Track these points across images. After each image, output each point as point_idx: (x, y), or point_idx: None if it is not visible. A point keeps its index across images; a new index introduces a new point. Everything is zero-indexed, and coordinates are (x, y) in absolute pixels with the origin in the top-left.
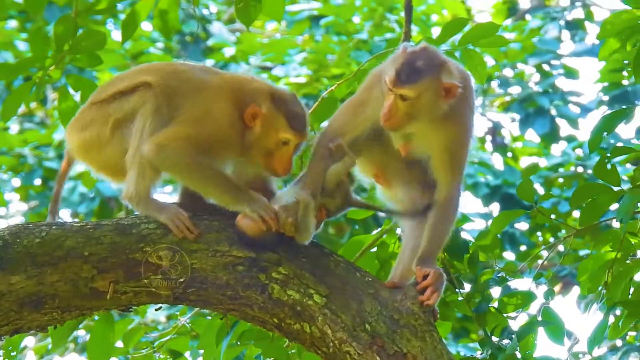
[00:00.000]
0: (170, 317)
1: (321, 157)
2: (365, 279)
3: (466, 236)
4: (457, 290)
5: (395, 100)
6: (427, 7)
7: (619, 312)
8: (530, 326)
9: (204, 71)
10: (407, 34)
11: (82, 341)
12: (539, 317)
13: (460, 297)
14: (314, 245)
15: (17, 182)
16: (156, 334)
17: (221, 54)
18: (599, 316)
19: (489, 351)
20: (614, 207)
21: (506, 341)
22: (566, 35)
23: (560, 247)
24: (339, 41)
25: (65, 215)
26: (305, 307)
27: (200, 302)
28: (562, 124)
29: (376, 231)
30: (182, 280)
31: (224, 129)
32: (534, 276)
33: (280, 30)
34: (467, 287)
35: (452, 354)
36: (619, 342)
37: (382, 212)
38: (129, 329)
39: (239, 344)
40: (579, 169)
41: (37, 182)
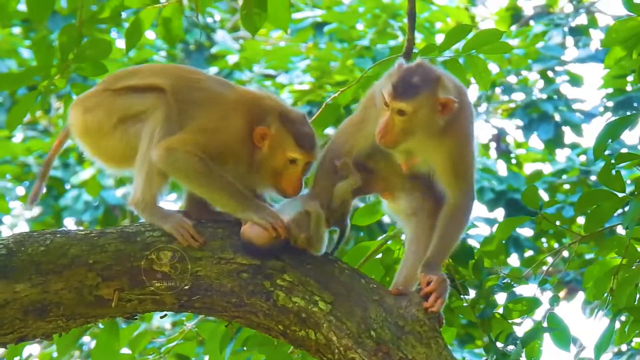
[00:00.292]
0: (175, 323)
1: (327, 172)
2: (370, 286)
3: (471, 242)
4: (461, 296)
5: (391, 115)
6: (431, 14)
7: (624, 318)
8: (535, 332)
9: (221, 84)
10: (411, 41)
11: (87, 348)
12: (545, 323)
13: (465, 303)
14: None
15: (21, 190)
16: (162, 339)
17: (225, 62)
18: (605, 322)
19: (494, 357)
20: (619, 212)
21: (511, 347)
22: (570, 41)
23: (565, 253)
24: (342, 48)
25: (69, 223)
26: (310, 314)
27: (205, 310)
28: (566, 130)
29: (381, 237)
30: (186, 286)
31: (234, 144)
32: (539, 282)
33: (284, 37)
34: (472, 293)
35: None
36: (624, 347)
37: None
38: (135, 335)
39: (244, 349)
40: (583, 175)
41: (41, 190)
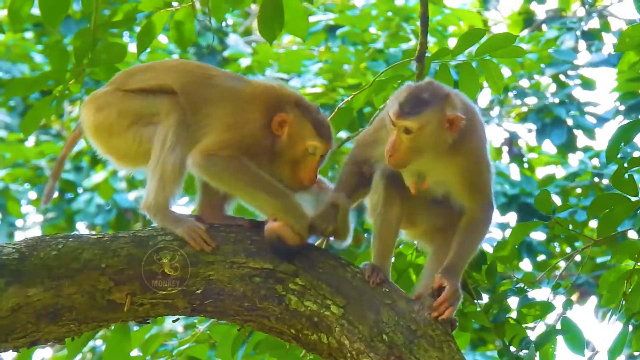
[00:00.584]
0: (187, 326)
1: (352, 169)
2: (382, 290)
3: (484, 246)
4: (475, 301)
5: (398, 134)
6: (443, 18)
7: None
8: (548, 336)
9: (233, 78)
10: (423, 45)
11: (99, 351)
12: (558, 327)
13: (478, 308)
14: (331, 256)
15: (33, 194)
16: (174, 342)
17: (237, 65)
18: (618, 326)
19: None
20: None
21: (524, 352)
22: (582, 45)
23: (577, 257)
24: (355, 51)
25: (81, 227)
26: (322, 318)
27: (217, 314)
28: (578, 134)
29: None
30: (198, 290)
31: (257, 136)
32: (552, 286)
33: (296, 41)
34: (485, 298)
35: None
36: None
37: None
38: (147, 338)
39: (256, 352)
40: (596, 179)
41: (54, 194)
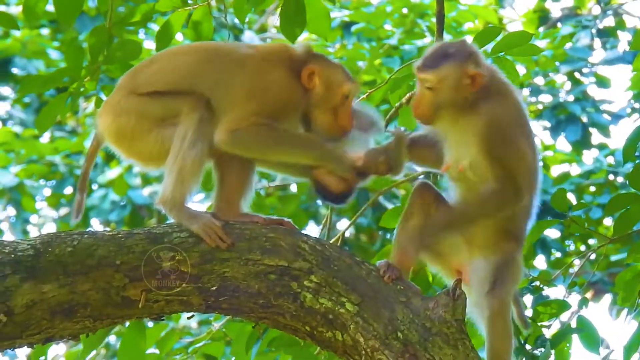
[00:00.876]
0: (201, 322)
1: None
2: (397, 287)
3: None
4: None
5: (421, 88)
6: (458, 14)
7: None
8: (564, 334)
9: (239, 46)
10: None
11: (113, 347)
12: (573, 325)
13: None
14: (346, 253)
15: (48, 190)
16: (189, 339)
17: (254, 45)
18: (633, 324)
19: (523, 359)
20: None
21: (540, 350)
22: (597, 43)
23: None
24: (370, 48)
25: (95, 223)
26: (337, 315)
27: (232, 311)
28: (593, 131)
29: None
30: (213, 287)
31: (287, 96)
32: (567, 285)
33: (312, 37)
34: None
35: None
36: None
37: None
38: (163, 335)
39: (272, 350)
40: (610, 176)
41: (68, 190)
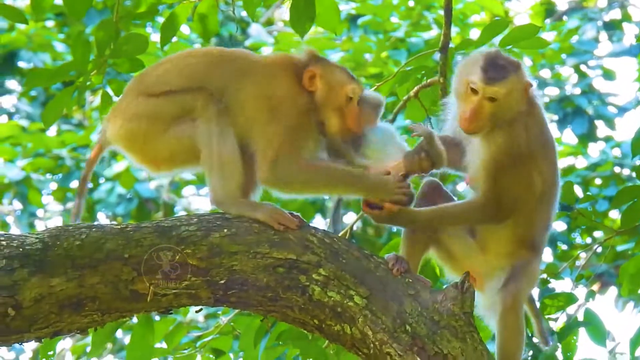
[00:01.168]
0: (208, 316)
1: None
2: (405, 280)
3: None
4: None
5: (481, 101)
6: (465, 6)
7: None
8: (571, 327)
9: (244, 52)
10: (447, 36)
11: (120, 341)
12: (580, 318)
13: None
14: (354, 246)
15: (54, 184)
16: (197, 333)
17: (259, 54)
18: (637, 317)
19: (530, 352)
20: None
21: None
22: (603, 36)
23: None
24: (376, 40)
25: (102, 216)
26: (345, 309)
27: (240, 304)
28: (599, 124)
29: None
30: (221, 281)
31: (297, 106)
32: (575, 278)
33: (318, 30)
34: None
35: (492, 355)
36: None
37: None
38: (171, 329)
39: (280, 344)
40: (616, 168)
41: (75, 184)
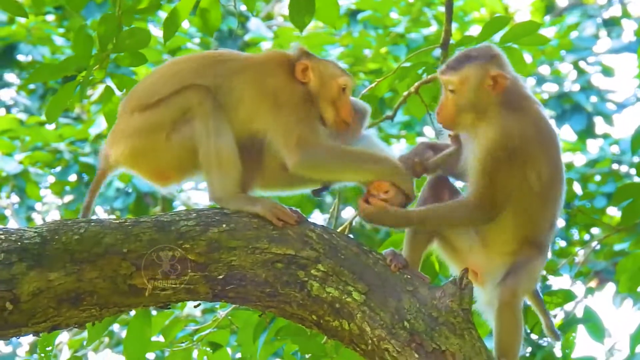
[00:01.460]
0: (205, 310)
1: None
2: (404, 277)
3: None
4: None
5: (445, 92)
6: (465, 3)
7: None
8: (569, 324)
9: (236, 52)
10: (448, 32)
11: (116, 335)
12: (578, 315)
13: None
14: (353, 242)
15: (52, 178)
16: (194, 327)
17: (258, 49)
18: (636, 314)
19: (529, 348)
20: None
21: (546, 339)
22: (603, 32)
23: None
24: (376, 36)
25: (100, 210)
26: (344, 305)
27: (239, 299)
28: (597, 120)
29: None
30: (220, 276)
31: (299, 96)
32: (574, 274)
33: (318, 25)
34: None
35: (491, 351)
36: None
37: None
38: (168, 323)
39: (278, 339)
40: (614, 165)
41: (73, 177)
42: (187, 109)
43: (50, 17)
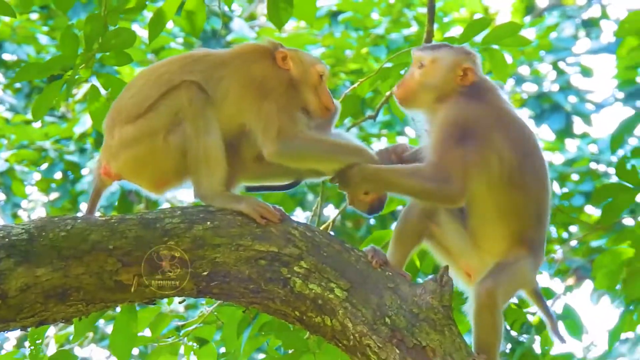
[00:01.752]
0: (189, 306)
1: None
2: (385, 274)
3: None
4: None
5: (412, 68)
6: (445, 4)
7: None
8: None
9: (213, 50)
10: (430, 33)
11: (101, 330)
12: (557, 311)
13: None
14: (336, 240)
15: (37, 175)
16: (180, 322)
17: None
18: (613, 311)
19: (509, 345)
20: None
21: (525, 336)
22: (582, 33)
23: (574, 241)
24: (357, 37)
25: (85, 208)
26: (326, 301)
27: (223, 296)
28: (576, 120)
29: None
30: (204, 273)
31: (282, 83)
32: (553, 272)
33: (300, 26)
34: None
35: (471, 347)
36: (630, 333)
37: None
38: (155, 319)
39: (262, 334)
40: (592, 164)
41: (58, 175)
42: (178, 109)
43: (34, 16)
